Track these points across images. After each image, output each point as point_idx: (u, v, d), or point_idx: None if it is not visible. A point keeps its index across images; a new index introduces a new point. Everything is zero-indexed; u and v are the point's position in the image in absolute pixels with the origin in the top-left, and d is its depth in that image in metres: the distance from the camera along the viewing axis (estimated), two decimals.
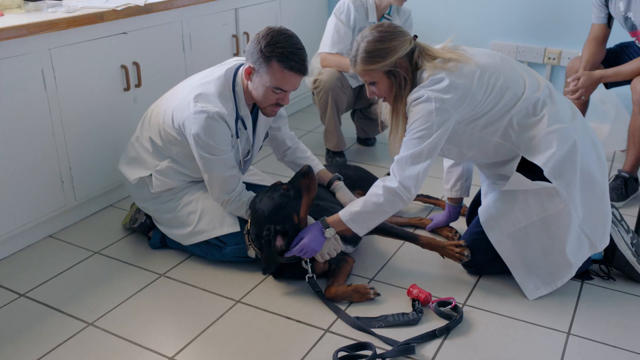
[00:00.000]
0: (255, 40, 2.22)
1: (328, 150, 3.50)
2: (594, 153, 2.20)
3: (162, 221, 2.54)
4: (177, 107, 2.34)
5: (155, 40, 3.06)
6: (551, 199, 2.14)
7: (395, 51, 2.08)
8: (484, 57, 2.16)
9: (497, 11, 4.00)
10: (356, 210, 2.17)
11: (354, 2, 3.31)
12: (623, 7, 3.00)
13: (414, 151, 2.07)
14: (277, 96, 2.27)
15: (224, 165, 2.31)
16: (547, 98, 2.16)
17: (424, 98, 2.04)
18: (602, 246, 2.22)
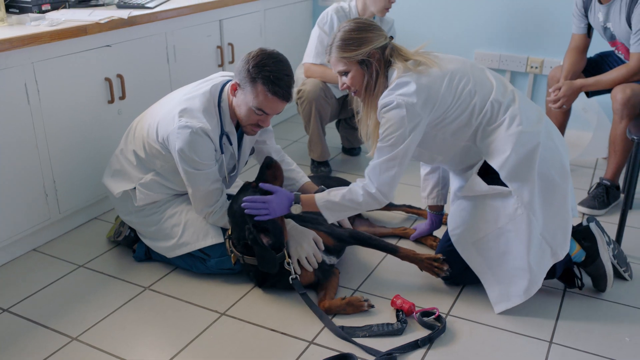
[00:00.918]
0: (245, 59, 2.24)
1: (313, 160, 3.51)
2: (556, 158, 2.20)
3: (146, 234, 2.54)
4: (161, 120, 2.34)
5: (140, 52, 3.07)
6: (508, 205, 2.16)
7: (370, 42, 2.15)
8: (454, 63, 2.21)
9: (480, 21, 4.04)
10: (334, 201, 2.21)
11: (337, 13, 3.33)
12: (602, 17, 3.04)
13: (388, 157, 2.12)
14: (258, 117, 2.29)
15: (207, 179, 2.32)
16: (511, 102, 2.19)
17: (394, 104, 2.08)
18: (562, 254, 2.21)
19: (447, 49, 4.05)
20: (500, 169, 2.13)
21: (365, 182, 2.18)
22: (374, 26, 2.20)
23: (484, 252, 2.25)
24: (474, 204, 2.26)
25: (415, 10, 4.19)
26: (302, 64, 3.43)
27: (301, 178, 2.70)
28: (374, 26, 2.20)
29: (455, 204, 2.36)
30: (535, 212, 2.14)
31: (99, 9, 3.08)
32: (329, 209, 2.22)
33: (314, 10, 4.49)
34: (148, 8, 3.12)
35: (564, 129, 3.40)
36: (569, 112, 3.35)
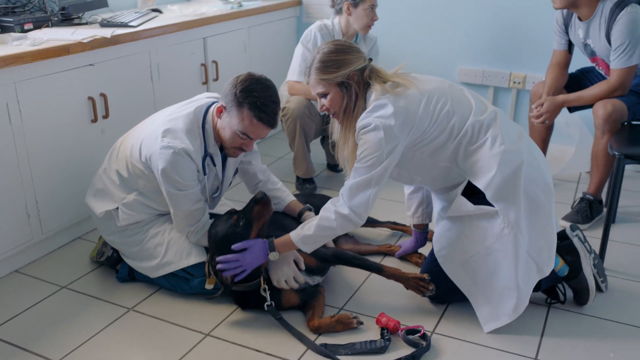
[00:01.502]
0: (232, 83, 2.24)
1: (298, 177, 3.51)
2: (540, 177, 2.22)
3: (129, 254, 2.52)
4: (145, 140, 2.34)
5: (123, 71, 3.06)
6: (494, 225, 2.16)
7: (349, 64, 2.15)
8: (431, 83, 2.22)
9: (463, 37, 4.08)
10: (309, 234, 2.19)
11: (321, 30, 3.35)
12: (582, 34, 3.08)
13: (364, 178, 2.11)
14: (242, 141, 2.29)
15: (189, 200, 2.31)
16: (492, 121, 2.20)
17: (371, 127, 2.08)
18: (548, 270, 2.23)
19: (431, 65, 4.15)
20: (486, 189, 2.13)
21: (339, 203, 2.16)
22: (353, 48, 2.20)
23: (472, 272, 2.24)
24: (459, 224, 2.26)
25: (399, 27, 4.22)
26: (286, 82, 3.44)
27: (287, 197, 2.70)
28: (353, 48, 2.20)
29: (440, 224, 2.35)
30: (522, 230, 2.15)
31: (82, 28, 3.08)
32: (306, 243, 2.21)
33: (298, 28, 4.51)
34: (131, 27, 3.12)
35: (546, 144, 3.43)
36: (551, 127, 3.38)
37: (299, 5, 4.52)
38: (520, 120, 4.03)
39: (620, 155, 2.57)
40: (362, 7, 3.28)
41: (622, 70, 2.92)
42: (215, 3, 4.04)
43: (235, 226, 2.23)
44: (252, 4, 4.07)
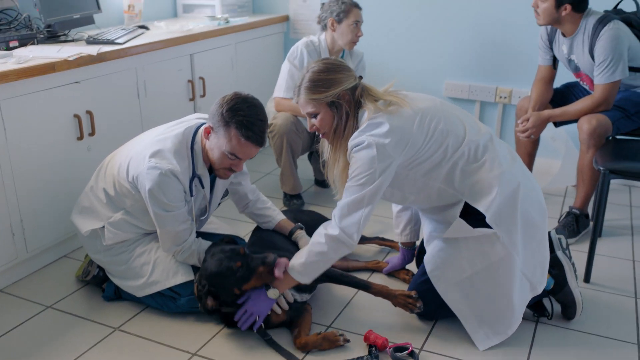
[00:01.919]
0: (219, 103, 2.23)
1: (285, 194, 3.51)
2: (535, 198, 2.22)
3: (116, 273, 2.50)
4: (132, 160, 2.33)
5: (109, 88, 3.05)
6: (493, 246, 2.15)
7: (340, 83, 2.12)
8: (424, 101, 2.19)
9: (450, 52, 4.10)
10: (301, 262, 2.17)
11: (307, 47, 3.36)
12: (566, 50, 3.11)
13: (356, 197, 2.08)
14: (231, 162, 2.27)
15: (176, 220, 2.30)
16: (489, 142, 2.18)
17: (364, 144, 2.05)
18: (541, 288, 2.25)
19: (417, 80, 4.17)
20: (487, 211, 2.11)
21: (330, 225, 2.14)
22: (343, 66, 2.17)
23: (467, 292, 2.23)
24: (454, 244, 2.23)
25: (385, 42, 4.24)
26: (273, 98, 3.44)
27: (277, 216, 2.69)
28: (343, 66, 2.17)
29: (432, 244, 2.32)
30: (518, 251, 2.15)
31: (68, 45, 3.07)
32: (300, 272, 2.18)
33: (285, 44, 4.53)
34: (118, 44, 3.12)
35: (533, 158, 3.45)
36: (537, 141, 3.40)
37: (286, 21, 4.53)
38: (507, 134, 4.05)
39: (605, 170, 2.59)
40: (346, 23, 3.30)
41: (605, 86, 2.95)
42: (202, 19, 4.05)
43: (235, 272, 2.18)
44: (239, 20, 4.08)
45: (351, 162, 2.11)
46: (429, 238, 2.37)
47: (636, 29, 3.06)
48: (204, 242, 2.41)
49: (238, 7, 4.45)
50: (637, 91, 3.11)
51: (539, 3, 3.01)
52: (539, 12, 3.02)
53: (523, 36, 3.82)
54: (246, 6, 4.55)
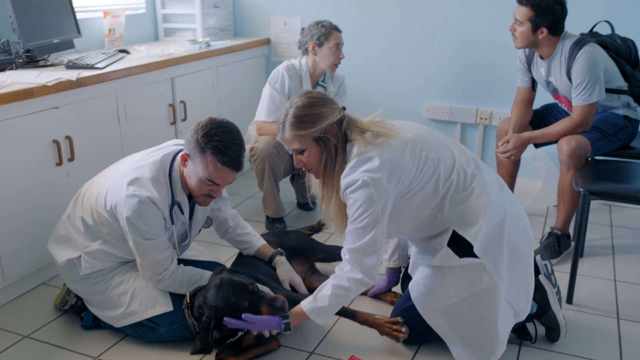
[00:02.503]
0: (194, 129, 2.20)
1: (267, 217, 3.49)
2: (521, 226, 2.21)
3: (93, 302, 2.46)
4: (110, 188, 2.30)
5: (89, 113, 3.03)
6: (480, 276, 2.13)
7: (326, 117, 2.07)
8: (411, 130, 2.16)
9: (430, 74, 4.14)
10: (324, 306, 2.13)
11: (288, 70, 3.37)
12: (544, 72, 3.15)
13: (366, 241, 2.03)
14: (209, 188, 2.24)
15: (156, 248, 2.27)
16: (476, 170, 2.16)
17: (359, 183, 2.00)
18: (524, 315, 2.24)
19: (399, 102, 4.19)
20: (474, 240, 2.08)
21: (348, 269, 2.09)
22: (327, 100, 2.13)
23: (452, 319, 2.21)
24: (440, 272, 2.20)
25: (366, 65, 4.27)
26: (255, 122, 3.44)
27: (257, 241, 2.67)
28: (326, 100, 2.12)
29: (418, 270, 2.30)
30: (503, 279, 2.14)
31: (48, 70, 3.05)
32: (321, 314, 2.15)
33: (267, 67, 4.54)
34: (98, 68, 3.11)
35: (514, 179, 3.47)
36: (518, 162, 3.42)
37: (268, 44, 4.55)
38: (488, 155, 4.08)
39: (585, 191, 2.60)
40: (327, 46, 3.31)
41: (583, 107, 2.99)
42: (183, 43, 4.05)
43: (241, 310, 2.15)
44: (220, 43, 4.09)
45: (348, 203, 2.06)
46: (414, 264, 2.34)
47: (611, 51, 3.11)
48: (186, 269, 2.38)
49: (219, 31, 4.46)
50: (615, 112, 3.15)
51: (516, 27, 3.05)
52: (517, 35, 3.06)
53: (502, 58, 3.86)
54: (227, 29, 4.56)
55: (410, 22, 4.10)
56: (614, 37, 3.19)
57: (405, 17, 4.11)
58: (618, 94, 3.12)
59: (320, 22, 3.34)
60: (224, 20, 4.51)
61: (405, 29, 4.12)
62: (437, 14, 4.02)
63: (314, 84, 3.46)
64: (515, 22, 3.05)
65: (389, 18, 4.15)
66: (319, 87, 3.48)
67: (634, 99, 3.16)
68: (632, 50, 3.18)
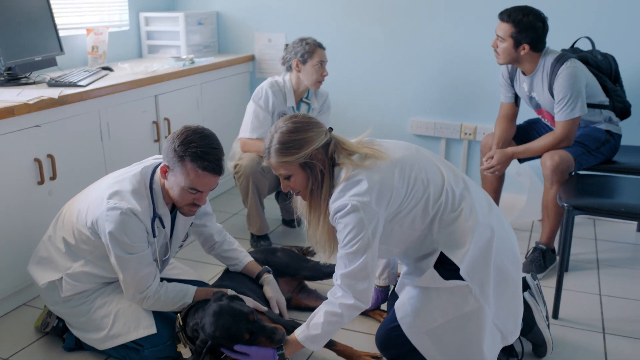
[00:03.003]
0: (170, 140, 2.18)
1: (252, 234, 3.47)
2: (509, 248, 2.19)
3: (76, 325, 2.42)
4: (90, 205, 2.28)
5: (71, 131, 3.00)
6: (465, 298, 2.10)
7: (311, 142, 2.03)
8: (400, 151, 2.13)
9: (415, 90, 4.15)
10: (317, 334, 2.09)
11: (272, 87, 3.37)
12: (527, 87, 3.17)
13: (357, 266, 2.01)
14: (193, 196, 2.22)
15: (140, 263, 2.24)
16: (465, 191, 2.14)
17: (348, 208, 1.97)
18: (513, 339, 2.22)
19: (383, 118, 4.20)
20: (460, 262, 2.06)
21: (340, 294, 2.07)
22: (313, 123, 2.08)
23: (438, 341, 2.18)
24: (426, 293, 2.17)
25: (350, 81, 4.28)
26: (239, 139, 3.43)
27: (244, 258, 2.65)
28: (312, 123, 2.07)
29: (405, 290, 2.27)
30: (490, 302, 2.11)
31: (29, 88, 3.03)
32: (315, 342, 2.12)
33: (252, 83, 4.54)
34: (80, 86, 3.08)
35: (499, 194, 3.48)
36: (502, 177, 3.44)
37: (252, 61, 4.55)
38: (472, 170, 4.09)
39: (569, 207, 2.61)
40: (311, 64, 3.31)
41: (566, 122, 3.01)
42: (167, 60, 4.04)
43: (241, 340, 2.12)
44: (204, 60, 4.08)
45: (338, 228, 2.03)
46: (401, 284, 2.31)
47: (592, 67, 3.14)
48: (170, 286, 2.35)
49: (203, 48, 4.46)
50: (597, 127, 3.18)
51: (499, 43, 3.07)
52: (499, 52, 3.08)
53: (486, 74, 3.89)
54: (212, 46, 4.56)
55: (394, 39, 4.12)
56: (595, 52, 3.23)
57: (389, 34, 4.13)
58: (600, 109, 3.15)
59: (304, 39, 3.34)
60: (208, 37, 4.51)
61: (389, 45, 4.15)
62: (421, 30, 4.05)
63: (298, 101, 3.46)
64: (498, 38, 3.08)
65: (373, 35, 4.17)
66: (302, 103, 3.48)
67: (615, 113, 3.19)
68: (613, 65, 3.22)
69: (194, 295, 2.37)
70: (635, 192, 2.86)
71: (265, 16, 4.44)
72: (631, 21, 3.58)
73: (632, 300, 2.89)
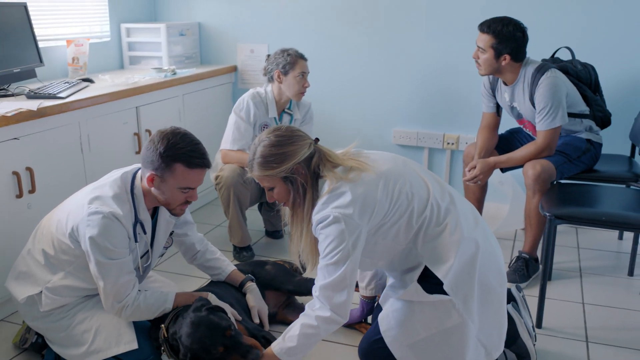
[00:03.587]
0: (151, 147, 2.17)
1: (234, 246, 3.44)
2: (494, 264, 2.18)
3: (55, 340, 2.37)
4: (71, 212, 2.25)
5: (51, 143, 2.97)
6: (449, 313, 2.09)
7: (293, 156, 2.03)
8: (386, 163, 2.12)
9: (397, 100, 4.16)
10: (292, 346, 2.07)
11: (253, 98, 3.35)
12: (508, 97, 3.19)
13: (336, 277, 2.00)
14: (185, 195, 2.25)
15: (121, 270, 2.21)
16: (451, 205, 2.13)
17: (331, 219, 1.97)
18: (496, 354, 2.20)
19: (366, 128, 4.21)
20: (444, 277, 2.05)
21: (317, 306, 2.05)
22: (296, 136, 2.07)
23: (421, 355, 2.16)
24: (409, 306, 2.16)
25: (333, 91, 4.28)
26: (220, 150, 3.41)
27: (227, 267, 2.64)
28: (295, 137, 2.06)
29: (388, 302, 2.25)
30: (473, 318, 2.10)
31: (7, 100, 2.99)
32: (291, 355, 2.09)
33: (234, 94, 4.53)
34: (60, 98, 3.05)
35: (482, 203, 3.48)
36: (485, 186, 3.45)
37: (234, 71, 4.54)
38: (455, 180, 4.10)
39: (551, 216, 2.62)
40: (293, 75, 3.31)
41: (547, 132, 3.03)
42: (148, 72, 4.02)
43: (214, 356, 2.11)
44: (186, 71, 4.06)
45: (320, 239, 2.03)
46: (386, 296, 2.30)
47: (572, 76, 3.17)
48: (148, 293, 2.32)
49: (185, 59, 4.44)
50: (578, 136, 3.20)
51: (480, 54, 3.09)
52: (480, 63, 3.10)
53: (467, 84, 3.90)
54: (194, 57, 4.55)
55: (377, 49, 4.13)
56: (575, 62, 3.26)
57: (371, 44, 4.14)
58: (580, 118, 3.18)
59: (285, 50, 3.34)
60: (190, 48, 4.50)
61: (372, 55, 4.16)
62: (403, 40, 4.06)
63: (280, 112, 3.45)
64: (479, 49, 3.10)
65: (355, 46, 4.18)
66: (285, 114, 3.47)
67: (595, 122, 3.22)
68: (592, 75, 3.25)
69: (174, 300, 2.35)
70: (616, 201, 2.88)
71: (248, 27, 4.44)
72: (610, 31, 3.62)
73: (614, 308, 2.90)
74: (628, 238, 3.61)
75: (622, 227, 2.92)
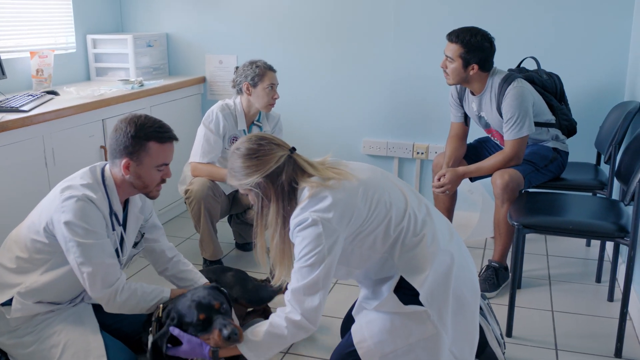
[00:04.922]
0: (120, 134, 2.22)
1: (205, 260, 3.40)
2: (468, 277, 2.18)
3: (21, 357, 2.30)
4: (44, 209, 2.24)
5: (13, 158, 2.90)
6: (423, 324, 2.08)
7: (264, 167, 2.02)
8: (365, 172, 2.12)
9: (367, 110, 4.17)
10: (256, 340, 2.04)
11: (222, 110, 3.33)
12: (476, 107, 3.22)
13: (309, 280, 1.97)
14: (161, 173, 2.31)
15: (103, 251, 2.17)
16: (427, 217, 2.13)
17: (308, 222, 1.95)
18: None
19: (336, 139, 4.21)
20: (420, 287, 2.04)
21: (288, 310, 2.02)
22: (270, 146, 2.05)
23: None
24: (384, 318, 2.14)
25: (302, 102, 4.27)
26: (189, 163, 3.37)
27: (199, 279, 2.59)
28: (268, 148, 2.05)
29: (362, 314, 2.23)
30: (447, 329, 2.09)
31: None
32: (252, 350, 2.06)
33: (203, 105, 4.49)
34: (23, 111, 2.99)
35: (451, 213, 3.50)
36: (455, 195, 3.46)
37: (203, 83, 4.51)
38: (425, 189, 4.12)
39: (519, 225, 2.64)
40: (262, 87, 3.29)
41: (514, 141, 3.05)
42: (115, 83, 3.96)
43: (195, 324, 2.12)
44: (154, 83, 4.02)
45: (296, 242, 2.01)
46: (359, 307, 2.28)
47: (538, 86, 3.21)
48: (145, 285, 2.30)
49: (153, 70, 4.40)
50: (545, 145, 3.24)
51: (448, 64, 3.11)
52: (448, 72, 3.12)
53: (436, 93, 3.93)
54: (162, 68, 4.50)
55: (345, 60, 4.14)
56: (540, 72, 3.30)
57: (340, 55, 4.15)
58: (547, 127, 3.22)
59: (254, 62, 3.32)
60: (158, 59, 4.45)
61: (340, 66, 4.16)
62: (371, 50, 4.08)
63: (249, 124, 3.42)
64: (447, 59, 3.12)
65: (324, 56, 4.18)
66: (254, 126, 3.45)
67: (561, 131, 3.26)
68: (558, 84, 3.30)
69: (171, 292, 2.36)
70: (583, 209, 2.92)
71: (216, 38, 4.42)
72: (574, 41, 3.68)
73: (583, 315, 2.93)
74: (595, 245, 3.66)
75: (589, 236, 2.95)
